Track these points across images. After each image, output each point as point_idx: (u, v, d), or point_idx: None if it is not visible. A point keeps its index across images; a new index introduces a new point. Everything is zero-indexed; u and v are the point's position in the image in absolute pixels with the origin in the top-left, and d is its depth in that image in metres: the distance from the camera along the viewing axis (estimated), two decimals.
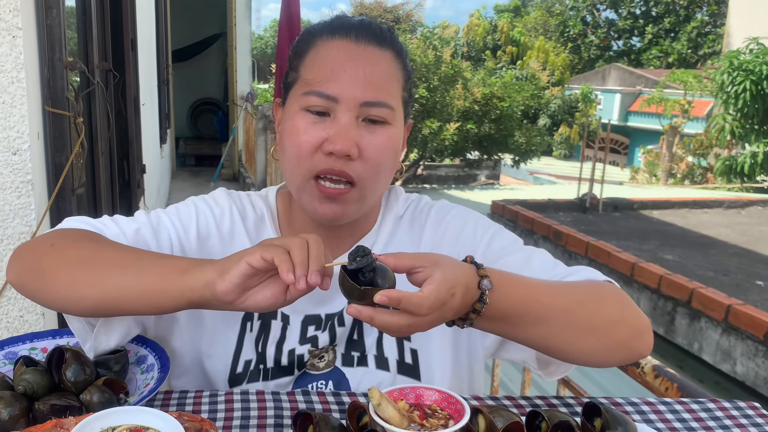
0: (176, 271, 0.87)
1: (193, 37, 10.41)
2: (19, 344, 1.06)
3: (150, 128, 5.12)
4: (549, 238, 6.69)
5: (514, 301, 0.86)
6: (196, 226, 1.07)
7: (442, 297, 0.78)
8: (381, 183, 1.02)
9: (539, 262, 1.03)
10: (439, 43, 12.70)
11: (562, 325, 0.89)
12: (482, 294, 0.82)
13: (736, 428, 0.97)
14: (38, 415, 0.87)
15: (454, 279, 0.79)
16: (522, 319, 0.87)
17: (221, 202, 1.11)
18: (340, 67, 0.96)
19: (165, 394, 1.01)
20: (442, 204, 1.15)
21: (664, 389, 1.27)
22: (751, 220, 8.45)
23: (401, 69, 1.02)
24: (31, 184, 1.57)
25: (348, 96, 0.95)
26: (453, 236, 1.09)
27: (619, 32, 32.36)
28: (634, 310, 0.96)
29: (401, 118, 1.03)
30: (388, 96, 0.98)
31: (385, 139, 0.98)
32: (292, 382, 1.05)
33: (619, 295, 0.96)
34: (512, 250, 1.06)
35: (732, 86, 11.84)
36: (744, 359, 4.30)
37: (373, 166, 0.98)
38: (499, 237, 1.09)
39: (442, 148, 12.40)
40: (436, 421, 0.80)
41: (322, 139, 0.96)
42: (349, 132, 0.95)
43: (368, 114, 0.96)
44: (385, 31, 1.02)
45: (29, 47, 1.57)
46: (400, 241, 1.11)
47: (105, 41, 2.85)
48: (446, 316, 0.81)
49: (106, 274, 0.90)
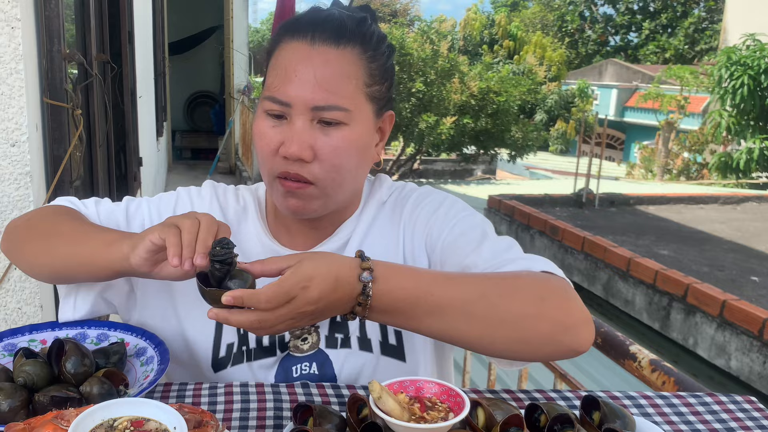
0: (104, 244, 0.96)
1: (190, 30, 10.37)
2: (18, 336, 1.06)
3: (147, 121, 5.10)
4: (545, 233, 6.70)
5: (401, 293, 0.86)
6: (173, 214, 1.10)
7: (285, 290, 0.81)
8: (346, 181, 1.03)
9: (489, 248, 1.01)
10: (437, 37, 12.67)
11: (461, 317, 0.87)
12: (364, 286, 0.84)
13: (732, 422, 0.98)
14: (38, 407, 0.87)
15: (308, 273, 0.82)
16: (413, 311, 0.87)
17: (204, 194, 1.15)
18: (293, 71, 0.97)
19: (164, 386, 1.01)
20: (425, 189, 1.15)
21: (661, 383, 1.28)
22: (746, 216, 8.48)
23: (365, 65, 1.00)
24: (30, 175, 1.57)
25: (299, 100, 0.97)
26: (426, 217, 1.09)
27: (616, 28, 32.35)
28: (561, 304, 0.90)
29: (365, 116, 1.01)
30: (341, 98, 0.97)
31: (340, 141, 0.98)
32: (277, 363, 1.07)
33: (545, 288, 0.91)
34: (470, 235, 1.04)
35: (730, 81, 11.85)
36: (738, 354, 4.32)
37: (331, 167, 0.99)
38: (466, 222, 1.07)
39: (439, 143, 12.39)
40: (436, 413, 0.80)
41: (279, 143, 0.98)
42: (302, 136, 0.97)
43: (321, 117, 0.97)
44: (347, 25, 1.01)
45: (28, 38, 1.57)
46: (382, 226, 1.11)
47: (103, 33, 2.84)
48: (306, 309, 0.83)
49: (57, 244, 1.01)
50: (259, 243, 1.11)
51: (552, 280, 0.93)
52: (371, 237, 1.11)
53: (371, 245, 1.09)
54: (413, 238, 1.09)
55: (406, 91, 11.76)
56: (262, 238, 1.11)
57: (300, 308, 0.83)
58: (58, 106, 1.68)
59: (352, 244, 1.10)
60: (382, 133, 1.09)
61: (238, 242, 1.04)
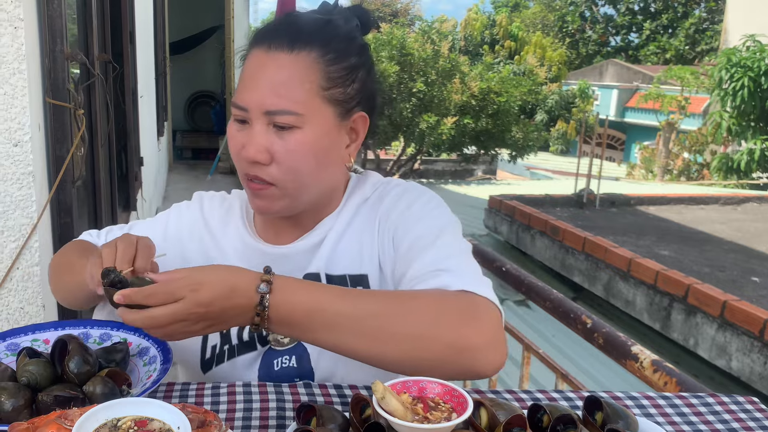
0: (81, 271, 1.04)
1: (191, 30, 10.36)
2: (21, 335, 1.06)
3: (148, 121, 5.11)
4: (546, 233, 6.69)
5: (296, 306, 0.89)
6: (163, 232, 1.19)
7: (169, 289, 0.86)
8: (306, 182, 1.05)
9: (432, 255, 1.01)
10: (437, 37, 12.65)
11: (351, 333, 0.90)
12: (262, 297, 0.88)
13: (734, 422, 0.98)
14: (41, 407, 0.87)
15: (200, 278, 0.87)
16: (308, 324, 0.90)
17: (193, 207, 1.22)
18: (250, 78, 1.02)
19: (167, 386, 1.01)
20: (406, 186, 1.16)
21: (663, 384, 1.28)
22: (746, 216, 8.47)
23: (322, 68, 1.02)
24: (32, 175, 1.57)
25: (253, 106, 1.01)
26: (396, 215, 1.10)
27: (617, 28, 32.32)
28: (457, 327, 0.90)
29: (323, 119, 1.02)
30: (291, 102, 0.99)
31: (294, 144, 1.01)
32: (259, 357, 1.11)
33: (443, 310, 0.92)
34: (423, 240, 1.04)
35: (730, 83, 11.83)
36: (739, 355, 4.31)
37: (288, 169, 1.02)
38: (426, 224, 1.07)
39: (439, 143, 12.38)
40: (440, 413, 0.80)
41: (242, 146, 1.03)
42: (258, 140, 1.01)
43: (274, 121, 1.00)
44: (306, 30, 1.03)
45: (30, 38, 1.57)
46: (362, 222, 1.13)
47: (105, 33, 2.84)
48: (197, 311, 0.86)
49: (61, 277, 1.15)
50: (241, 242, 1.15)
51: (457, 301, 0.94)
52: (349, 234, 1.12)
53: (348, 242, 1.11)
54: (385, 234, 1.10)
55: (406, 91, 11.75)
56: (245, 238, 1.16)
57: (190, 309, 0.86)
58: (61, 106, 1.68)
59: (329, 240, 1.12)
60: (356, 133, 1.09)
61: (224, 243, 1.16)
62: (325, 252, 1.11)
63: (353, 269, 1.10)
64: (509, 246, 7.46)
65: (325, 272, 1.10)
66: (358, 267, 1.10)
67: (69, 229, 1.71)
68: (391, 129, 12.06)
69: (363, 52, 1.08)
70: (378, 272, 1.10)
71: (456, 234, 1.08)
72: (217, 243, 1.17)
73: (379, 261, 1.10)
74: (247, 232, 1.16)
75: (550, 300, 1.73)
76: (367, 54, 1.10)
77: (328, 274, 1.10)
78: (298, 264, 1.12)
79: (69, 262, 1.14)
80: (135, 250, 0.99)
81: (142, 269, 0.97)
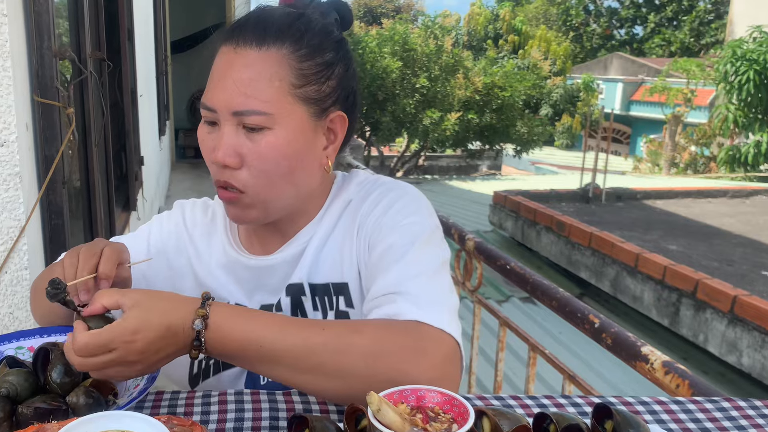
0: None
1: (192, 28, 10.32)
2: (5, 343, 1.02)
3: (148, 120, 5.07)
4: (552, 228, 6.64)
5: (233, 342, 0.86)
6: (147, 245, 1.14)
7: (102, 341, 0.81)
8: (279, 187, 0.99)
9: (398, 271, 0.95)
10: (441, 32, 12.61)
11: (288, 369, 0.87)
12: (198, 333, 0.85)
13: (752, 428, 0.93)
14: (21, 419, 0.84)
15: (134, 326, 0.82)
16: (245, 358, 0.88)
17: (174, 218, 1.17)
18: (217, 77, 0.97)
19: (156, 395, 0.98)
20: (388, 185, 1.08)
21: (675, 386, 1.23)
22: (755, 209, 8.41)
23: (293, 65, 0.96)
24: (20, 176, 1.52)
25: (220, 106, 0.95)
26: (373, 219, 1.03)
27: (621, 21, 32.20)
28: (397, 365, 0.85)
29: (295, 119, 0.96)
30: (259, 102, 0.93)
31: (264, 146, 0.95)
32: (244, 372, 1.08)
33: (385, 346, 0.86)
34: (393, 252, 0.98)
35: (736, 76, 11.76)
36: (750, 351, 4.26)
37: (259, 173, 0.96)
38: (400, 234, 1.00)
39: (444, 139, 12.34)
40: (440, 425, 0.76)
41: (212, 150, 0.98)
42: (228, 142, 0.95)
43: (243, 122, 0.95)
44: (275, 25, 0.97)
45: (16, 35, 1.52)
46: (345, 227, 1.06)
47: (99, 30, 2.80)
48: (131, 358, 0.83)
49: (36, 296, 1.10)
50: (225, 256, 1.11)
51: (403, 335, 0.88)
52: (331, 241, 1.07)
53: (330, 249, 1.06)
54: (363, 240, 1.04)
55: (410, 87, 11.73)
56: (228, 251, 1.11)
57: (125, 357, 0.83)
58: (50, 105, 1.64)
59: (311, 248, 1.06)
60: (333, 134, 1.03)
61: (208, 256, 1.12)
62: (307, 261, 1.06)
63: (335, 277, 1.05)
64: (515, 242, 7.41)
65: (308, 282, 1.06)
66: (339, 275, 1.05)
67: (60, 230, 1.67)
68: (395, 125, 12.03)
69: (340, 47, 1.02)
70: (358, 280, 1.05)
71: (431, 242, 1.01)
72: (200, 257, 1.13)
73: (359, 268, 1.05)
74: (230, 245, 1.11)
75: (556, 299, 1.68)
76: (345, 49, 1.03)
77: (311, 283, 1.06)
78: (282, 275, 1.07)
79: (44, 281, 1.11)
80: (98, 257, 0.95)
81: (105, 275, 0.94)
